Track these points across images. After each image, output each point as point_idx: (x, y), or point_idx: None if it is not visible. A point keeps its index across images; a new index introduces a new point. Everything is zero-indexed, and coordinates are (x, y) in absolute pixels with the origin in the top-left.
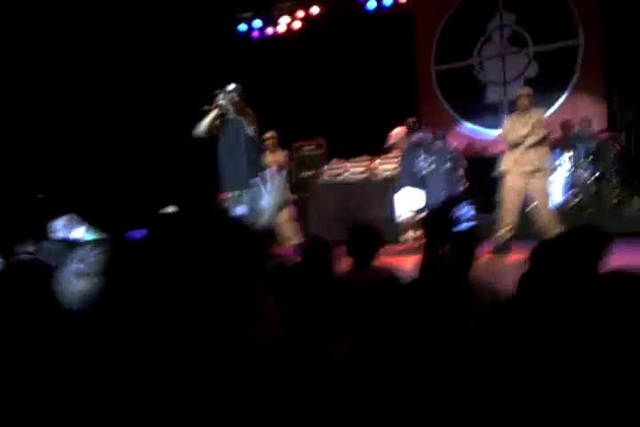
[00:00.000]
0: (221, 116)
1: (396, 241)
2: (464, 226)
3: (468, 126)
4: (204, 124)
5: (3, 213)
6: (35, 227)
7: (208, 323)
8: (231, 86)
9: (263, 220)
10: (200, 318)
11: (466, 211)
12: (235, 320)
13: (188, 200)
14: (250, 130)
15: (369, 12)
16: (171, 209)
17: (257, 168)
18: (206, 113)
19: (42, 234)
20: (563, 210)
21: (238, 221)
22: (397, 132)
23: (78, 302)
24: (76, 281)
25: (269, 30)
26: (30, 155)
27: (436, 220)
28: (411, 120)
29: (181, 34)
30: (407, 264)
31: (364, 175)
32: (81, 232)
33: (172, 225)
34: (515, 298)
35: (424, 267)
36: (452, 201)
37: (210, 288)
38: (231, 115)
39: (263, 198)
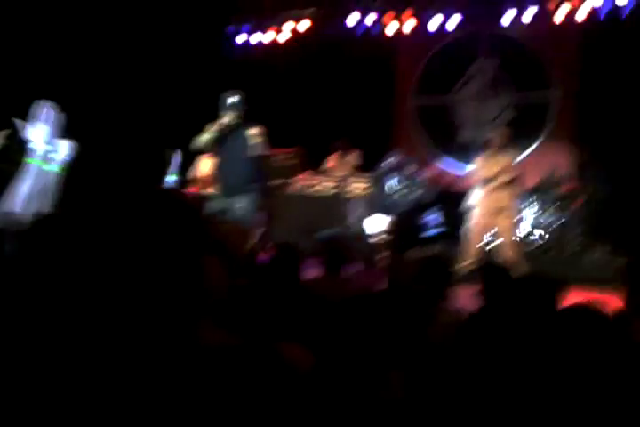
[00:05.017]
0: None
1: None
2: (432, 232)
3: (438, 161)
4: (205, 139)
5: None
6: None
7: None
8: (233, 100)
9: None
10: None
11: (435, 217)
12: (182, 315)
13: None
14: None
15: (356, 35)
16: None
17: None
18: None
19: None
20: (525, 251)
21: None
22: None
23: None
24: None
25: (256, 38)
26: None
27: (404, 224)
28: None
29: (168, 32)
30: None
31: (334, 191)
32: None
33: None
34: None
35: (391, 279)
36: (422, 207)
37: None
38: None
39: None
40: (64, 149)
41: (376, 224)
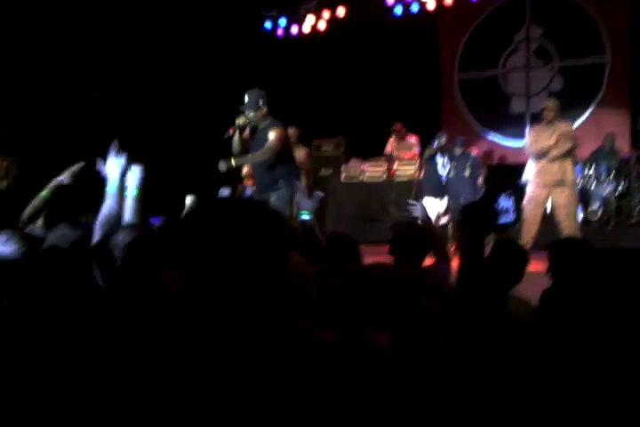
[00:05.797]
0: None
1: None
2: (506, 219)
3: (489, 136)
4: (233, 143)
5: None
6: None
7: (243, 316)
8: (246, 98)
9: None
10: (234, 310)
11: (507, 203)
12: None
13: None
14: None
15: (396, 16)
16: (190, 198)
17: None
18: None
19: None
20: (584, 224)
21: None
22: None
23: None
24: None
25: (294, 29)
26: (51, 140)
27: (477, 211)
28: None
29: (207, 27)
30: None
31: (382, 177)
32: None
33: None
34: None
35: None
36: (494, 194)
37: (246, 280)
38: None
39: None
40: (135, 174)
41: (430, 208)
